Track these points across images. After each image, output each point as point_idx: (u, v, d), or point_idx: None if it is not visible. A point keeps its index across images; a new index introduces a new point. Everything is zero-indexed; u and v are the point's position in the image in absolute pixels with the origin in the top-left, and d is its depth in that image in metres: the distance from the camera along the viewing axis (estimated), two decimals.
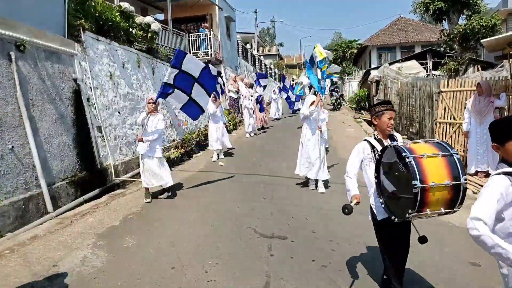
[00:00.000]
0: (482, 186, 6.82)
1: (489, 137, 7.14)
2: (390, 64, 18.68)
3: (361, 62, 33.41)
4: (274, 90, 19.57)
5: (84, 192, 6.57)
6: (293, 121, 16.41)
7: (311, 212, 5.51)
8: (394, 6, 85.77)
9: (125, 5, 9.59)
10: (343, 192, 6.14)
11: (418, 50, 25.96)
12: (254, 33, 38.37)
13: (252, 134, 13.76)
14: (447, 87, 8.60)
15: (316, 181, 6.77)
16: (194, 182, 7.45)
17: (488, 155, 7.05)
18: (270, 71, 34.64)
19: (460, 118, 8.30)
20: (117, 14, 9.08)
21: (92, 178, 6.89)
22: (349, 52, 29.17)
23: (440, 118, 8.86)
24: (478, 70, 13.98)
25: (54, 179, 6.09)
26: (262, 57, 32.65)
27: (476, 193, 6.47)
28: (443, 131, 8.85)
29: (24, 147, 5.59)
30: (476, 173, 7.29)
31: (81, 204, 6.25)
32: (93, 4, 8.18)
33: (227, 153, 10.44)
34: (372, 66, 25.15)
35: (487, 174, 7.16)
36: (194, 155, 10.43)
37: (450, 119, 8.60)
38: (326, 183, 6.86)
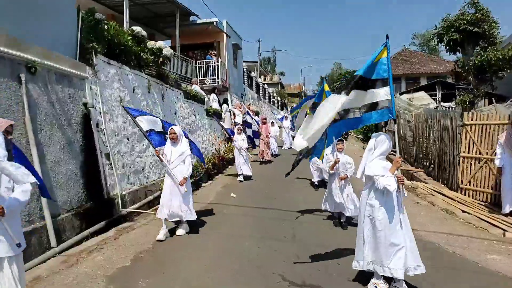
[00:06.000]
0: None
1: None
2: (399, 95, 18.57)
3: None
4: (286, 116, 19.18)
5: (89, 224, 6.06)
6: None
7: (342, 255, 4.97)
8: (395, 38, 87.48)
9: (137, 29, 9.39)
10: None
11: (423, 81, 25.98)
12: (256, 62, 38.66)
13: (242, 178, 10.64)
14: (472, 120, 8.25)
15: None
16: (206, 216, 6.94)
17: None
18: (273, 99, 34.63)
19: (487, 153, 7.91)
20: (129, 38, 8.85)
21: (98, 209, 6.39)
22: None
23: (464, 152, 8.46)
24: (493, 102, 13.77)
25: (59, 210, 5.60)
26: (266, 85, 32.70)
27: None
28: (468, 166, 8.43)
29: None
30: (511, 213, 6.81)
31: (86, 238, 5.73)
32: (106, 27, 7.94)
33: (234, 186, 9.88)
34: None
35: None
36: (202, 185, 9.93)
37: (476, 153, 8.20)
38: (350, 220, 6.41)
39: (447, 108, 16.62)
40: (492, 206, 7.58)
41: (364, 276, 4.30)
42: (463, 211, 7.23)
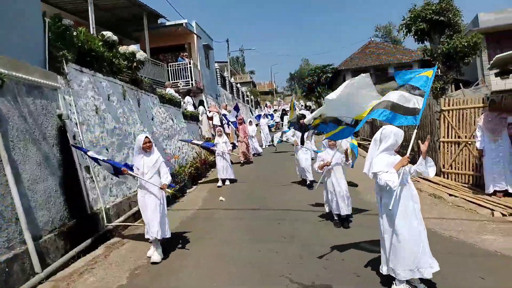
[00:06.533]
0: (502, 206, 6.54)
1: (505, 154, 6.78)
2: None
3: (335, 86, 33.87)
4: (264, 115, 19.09)
5: (75, 243, 5.68)
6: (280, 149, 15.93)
7: (345, 250, 4.91)
8: (358, 32, 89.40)
9: (108, 34, 8.97)
10: (363, 224, 5.75)
11: (391, 71, 26.61)
12: (226, 62, 38.43)
13: (221, 183, 10.11)
14: (449, 106, 8.43)
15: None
16: (198, 223, 6.72)
17: (506, 173, 6.79)
18: (247, 98, 34.54)
19: (466, 136, 8.11)
20: (100, 43, 8.44)
21: (82, 227, 6.02)
22: (324, 76, 29.52)
23: (443, 137, 8.64)
24: (460, 88, 14.24)
25: (41, 232, 5.21)
26: (238, 85, 32.52)
27: (505, 215, 6.13)
28: (447, 150, 8.62)
29: (5, 197, 4.73)
30: (494, 192, 6.99)
31: (73, 258, 5.37)
32: (75, 33, 7.52)
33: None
34: None
35: (506, 193, 6.89)
36: (187, 191, 9.65)
37: (455, 138, 8.39)
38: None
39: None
40: (475, 188, 7.78)
41: (372, 270, 4.25)
42: (450, 195, 7.37)
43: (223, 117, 16.07)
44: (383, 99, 4.09)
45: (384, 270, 3.81)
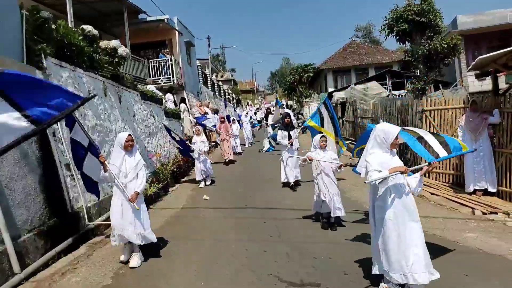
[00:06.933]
0: (481, 205, 6.73)
1: (486, 154, 6.95)
2: (346, 87, 19.26)
3: (316, 85, 34.20)
4: (247, 113, 18.95)
5: (55, 243, 5.49)
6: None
7: (332, 249, 4.93)
8: (338, 32, 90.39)
9: (88, 27, 8.72)
10: (349, 222, 5.79)
11: (371, 71, 27.07)
12: (206, 59, 38.04)
13: (203, 184, 9.75)
14: (431, 106, 8.60)
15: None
16: (183, 222, 6.61)
17: (486, 172, 6.98)
18: (229, 96, 34.38)
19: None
20: (80, 38, 8.18)
21: (63, 226, 5.82)
22: (306, 76, 29.72)
23: None
24: (439, 88, 14.59)
25: (19, 231, 5.01)
26: (220, 83, 32.33)
27: (486, 213, 6.30)
28: None
29: None
30: (474, 191, 7.18)
31: (53, 258, 5.19)
32: (54, 26, 7.26)
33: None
34: (329, 89, 25.76)
35: (485, 192, 7.08)
36: (170, 189, 9.50)
37: None
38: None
39: (398, 96, 17.42)
40: (456, 186, 7.97)
41: (360, 269, 4.28)
42: (432, 194, 7.52)
43: (195, 120, 15.08)
44: (415, 129, 4.40)
45: (373, 270, 3.77)
